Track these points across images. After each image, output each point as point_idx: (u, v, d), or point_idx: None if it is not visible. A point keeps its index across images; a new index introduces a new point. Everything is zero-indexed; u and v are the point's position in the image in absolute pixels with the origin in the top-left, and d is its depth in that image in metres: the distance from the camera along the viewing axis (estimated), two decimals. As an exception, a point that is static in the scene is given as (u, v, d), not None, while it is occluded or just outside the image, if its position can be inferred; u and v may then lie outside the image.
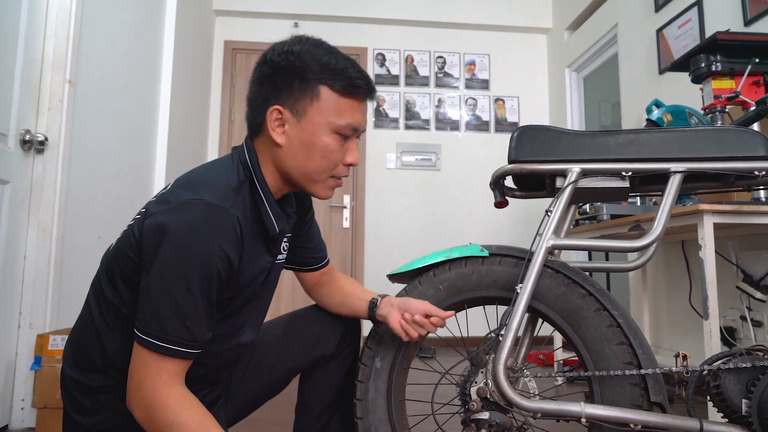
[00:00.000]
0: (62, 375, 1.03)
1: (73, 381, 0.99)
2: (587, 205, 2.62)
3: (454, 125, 4.50)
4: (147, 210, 0.94)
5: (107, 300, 0.97)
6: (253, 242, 1.01)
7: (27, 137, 2.02)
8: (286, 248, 1.16)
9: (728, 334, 2.32)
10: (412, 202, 4.38)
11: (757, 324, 2.20)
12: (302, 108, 0.99)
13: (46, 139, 2.08)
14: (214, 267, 0.88)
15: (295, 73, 0.98)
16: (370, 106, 4.20)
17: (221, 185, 0.95)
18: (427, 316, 1.12)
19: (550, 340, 3.94)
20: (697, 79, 2.03)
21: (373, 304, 1.20)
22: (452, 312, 1.15)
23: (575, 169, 1.13)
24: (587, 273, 1.19)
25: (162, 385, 0.87)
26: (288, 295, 4.15)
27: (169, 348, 0.87)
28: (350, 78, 0.99)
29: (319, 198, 1.07)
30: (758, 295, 2.12)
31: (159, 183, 3.13)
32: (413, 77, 4.51)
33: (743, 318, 2.25)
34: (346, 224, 4.31)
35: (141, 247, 0.91)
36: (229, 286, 0.96)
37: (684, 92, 2.79)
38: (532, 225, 4.38)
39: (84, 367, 0.99)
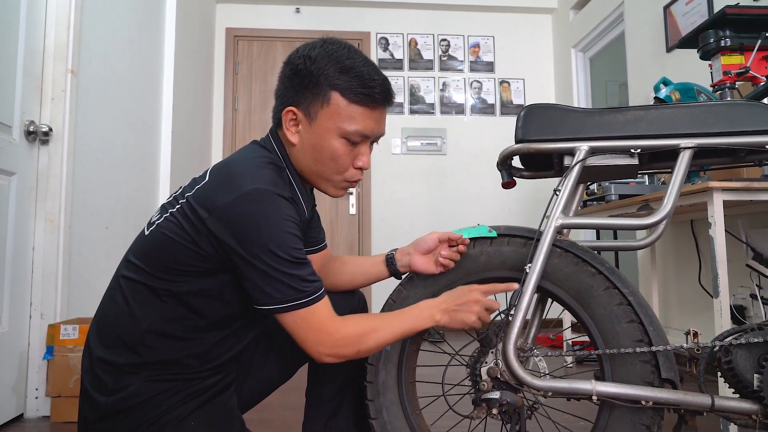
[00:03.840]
0: (86, 354, 1.04)
1: (98, 359, 1.00)
2: (595, 185, 2.60)
3: (459, 109, 4.46)
4: (207, 202, 0.95)
5: (144, 283, 0.99)
6: None
7: (31, 128, 2.02)
8: None
9: (738, 313, 2.30)
10: (419, 187, 4.36)
11: (767, 302, 2.19)
12: (314, 112, 1.02)
13: (51, 129, 2.08)
14: (291, 227, 0.95)
15: (310, 77, 1.02)
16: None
17: (269, 175, 0.98)
18: (445, 242, 1.20)
19: (558, 323, 3.94)
20: (705, 56, 2.00)
21: (390, 260, 1.25)
22: (459, 234, 1.19)
23: (583, 147, 1.12)
24: (596, 252, 1.18)
25: (331, 326, 0.97)
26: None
27: (312, 297, 0.95)
28: (364, 85, 1.01)
29: (330, 196, 1.13)
30: (768, 272, 2.11)
31: (164, 172, 3.12)
32: (417, 61, 4.47)
33: (753, 296, 2.24)
34: (353, 210, 4.31)
35: (215, 238, 0.94)
36: None
37: (692, 70, 2.75)
38: (539, 208, 4.37)
39: (111, 344, 1.00)
